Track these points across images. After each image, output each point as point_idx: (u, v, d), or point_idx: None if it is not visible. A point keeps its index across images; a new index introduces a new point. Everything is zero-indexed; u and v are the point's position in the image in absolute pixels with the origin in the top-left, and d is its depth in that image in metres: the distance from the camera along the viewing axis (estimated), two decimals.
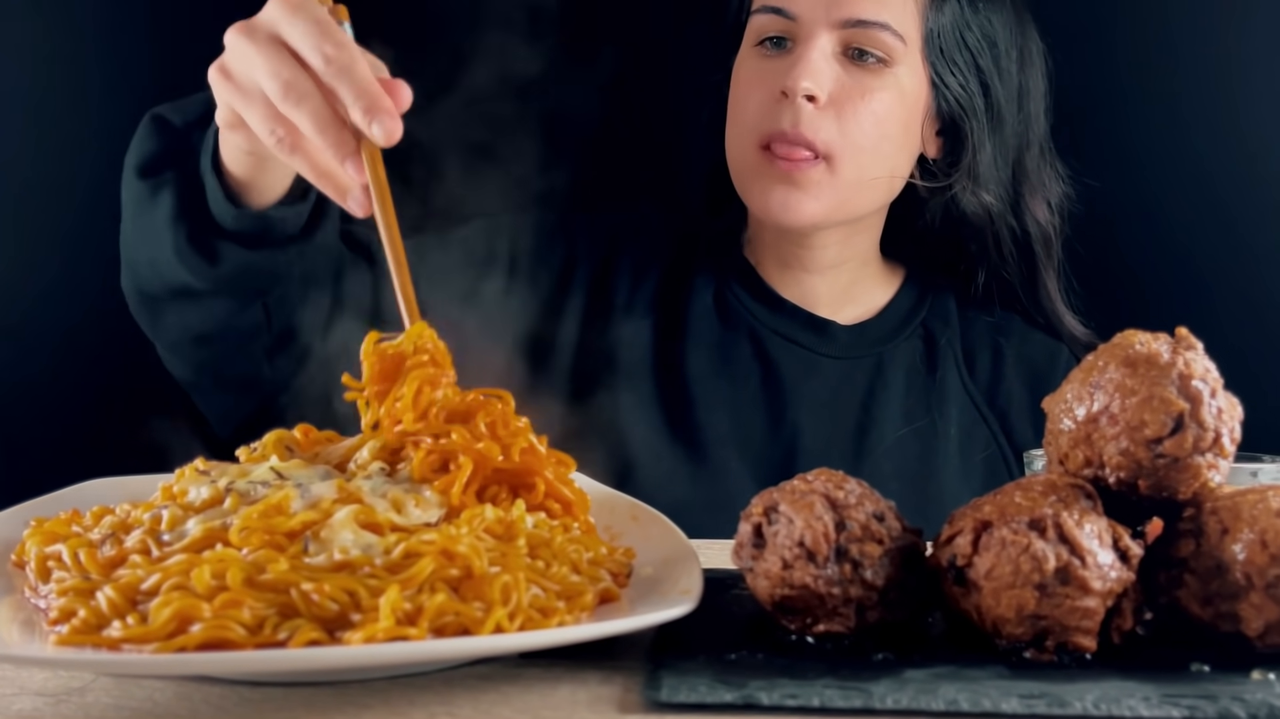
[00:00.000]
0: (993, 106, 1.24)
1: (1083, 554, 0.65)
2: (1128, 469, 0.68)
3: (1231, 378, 0.70)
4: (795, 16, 1.19)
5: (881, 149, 1.20)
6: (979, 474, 1.24)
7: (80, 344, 1.51)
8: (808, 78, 1.16)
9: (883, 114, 1.19)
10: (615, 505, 0.84)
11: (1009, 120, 1.25)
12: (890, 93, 1.19)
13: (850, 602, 0.68)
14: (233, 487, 0.71)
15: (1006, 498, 0.68)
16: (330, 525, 0.66)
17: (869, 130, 1.18)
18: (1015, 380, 1.29)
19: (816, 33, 1.18)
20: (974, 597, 0.67)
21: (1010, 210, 1.28)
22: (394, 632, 0.60)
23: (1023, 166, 1.27)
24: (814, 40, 1.17)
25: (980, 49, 1.23)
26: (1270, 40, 1.45)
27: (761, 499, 0.71)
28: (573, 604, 0.67)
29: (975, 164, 1.24)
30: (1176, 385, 0.68)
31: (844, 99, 1.17)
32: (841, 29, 1.18)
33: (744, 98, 1.22)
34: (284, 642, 0.61)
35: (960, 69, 1.22)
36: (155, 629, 0.61)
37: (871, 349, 1.28)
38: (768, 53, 1.22)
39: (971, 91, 1.23)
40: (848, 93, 1.17)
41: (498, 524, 0.70)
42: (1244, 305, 1.45)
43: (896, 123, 1.21)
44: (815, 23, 1.18)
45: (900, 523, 0.70)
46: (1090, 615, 0.65)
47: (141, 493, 0.80)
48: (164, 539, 0.68)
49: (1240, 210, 1.46)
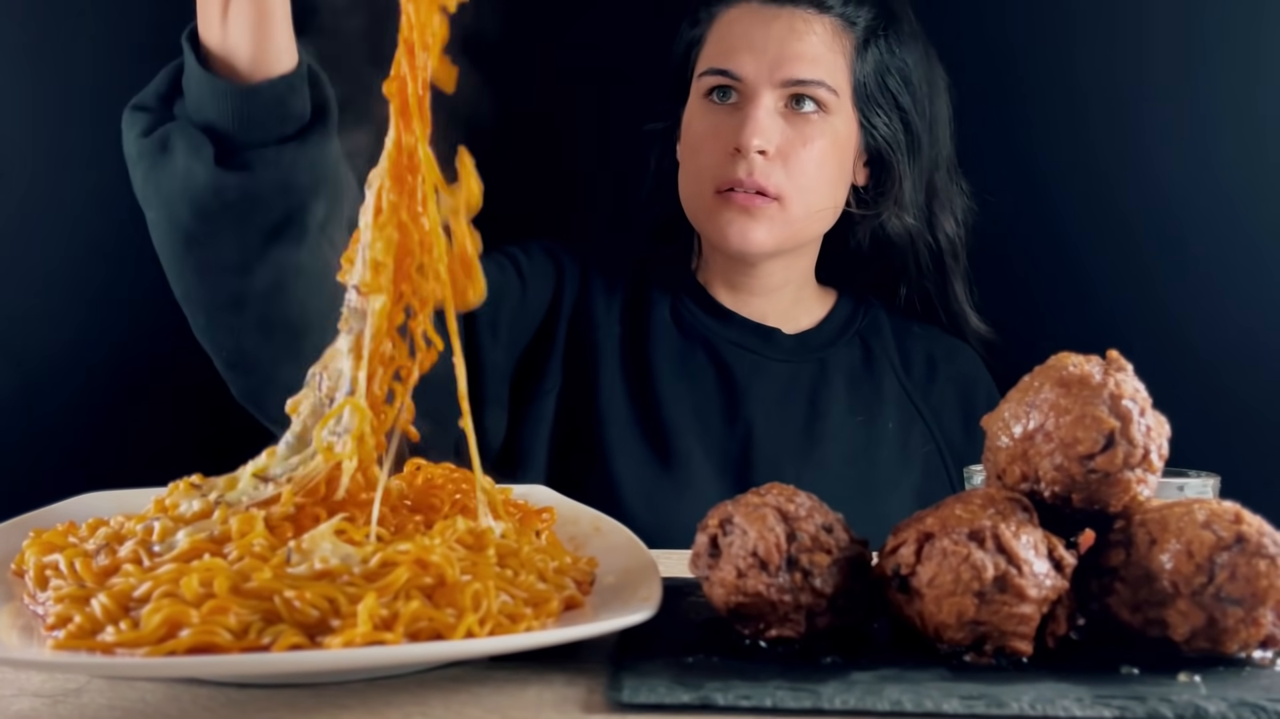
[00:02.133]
0: (913, 139, 1.38)
1: (1019, 563, 0.67)
2: (1062, 483, 0.71)
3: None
4: (741, 79, 1.32)
5: (822, 187, 1.33)
6: (917, 466, 1.35)
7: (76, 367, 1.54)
8: (758, 136, 1.28)
9: (821, 158, 1.32)
10: (579, 517, 0.86)
11: (925, 148, 1.38)
12: (827, 138, 1.32)
13: (801, 608, 0.69)
14: (222, 499, 0.73)
15: (947, 510, 0.70)
16: (311, 537, 0.68)
17: (812, 173, 1.31)
18: (946, 384, 1.40)
19: (761, 92, 1.30)
20: (917, 603, 0.69)
21: (926, 227, 1.40)
22: (371, 636, 0.62)
23: (934, 186, 1.40)
24: (759, 100, 1.30)
25: (899, 89, 1.36)
26: (1170, 54, 1.50)
27: (717, 512, 0.72)
28: (539, 610, 0.69)
29: (900, 192, 1.37)
30: (1108, 405, 0.70)
31: (789, 149, 1.30)
32: (783, 87, 1.31)
33: (698, 149, 1.35)
34: (268, 646, 0.62)
35: (884, 110, 1.36)
36: (147, 634, 0.62)
37: (813, 354, 1.39)
38: (715, 104, 1.34)
39: (895, 128, 1.36)
40: (791, 143, 1.31)
41: (469, 535, 0.72)
42: (1143, 313, 1.51)
43: (834, 164, 1.34)
44: (760, 83, 1.31)
45: (848, 534, 0.72)
46: (1026, 621, 0.67)
47: (135, 506, 0.82)
48: (155, 550, 0.69)
49: (1137, 220, 1.52)
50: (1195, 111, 1.49)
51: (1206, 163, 1.48)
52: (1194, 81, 1.49)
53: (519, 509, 0.82)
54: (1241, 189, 1.48)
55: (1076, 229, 1.53)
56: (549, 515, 0.85)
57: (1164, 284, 1.50)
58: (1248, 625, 0.68)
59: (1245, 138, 1.48)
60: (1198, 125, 1.49)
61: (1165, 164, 1.50)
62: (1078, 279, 1.53)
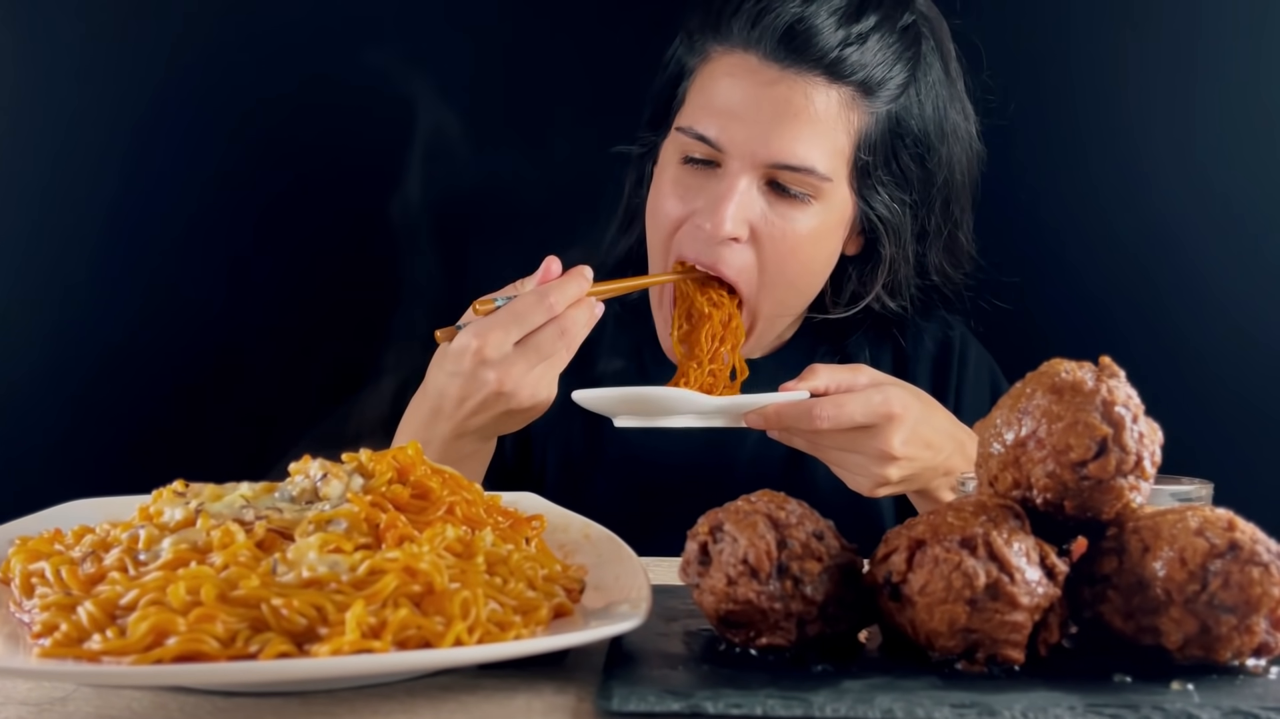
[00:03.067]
0: (917, 218, 1.23)
1: (1011, 571, 0.67)
2: (1054, 491, 0.70)
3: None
4: (722, 150, 1.16)
5: (800, 279, 1.21)
6: None
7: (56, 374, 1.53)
8: (730, 222, 1.14)
9: (802, 246, 1.17)
10: (569, 525, 0.86)
11: (931, 229, 1.24)
12: (814, 222, 1.17)
13: (791, 616, 0.69)
14: (204, 508, 0.73)
15: (939, 518, 0.70)
16: (296, 548, 0.67)
17: (786, 265, 1.18)
18: (921, 372, 1.32)
19: (743, 170, 1.15)
20: (908, 611, 0.69)
21: (920, 308, 1.29)
22: (359, 644, 0.62)
23: (937, 266, 1.27)
24: (739, 178, 1.15)
25: (911, 164, 1.20)
26: (1170, 58, 1.49)
27: (707, 519, 0.72)
28: (528, 618, 0.69)
29: (891, 279, 1.24)
30: (1100, 411, 0.70)
31: (765, 232, 1.16)
32: (767, 168, 1.15)
33: (662, 208, 1.21)
34: (255, 654, 0.62)
35: (886, 188, 1.19)
36: (133, 642, 0.62)
37: (793, 376, 1.25)
38: (691, 166, 1.19)
39: (896, 211, 1.20)
40: (770, 226, 1.16)
41: (458, 543, 0.72)
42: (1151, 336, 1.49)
43: (817, 251, 1.20)
44: (742, 160, 1.15)
45: (839, 541, 0.72)
46: (1018, 629, 0.67)
47: (120, 513, 0.82)
48: (141, 557, 0.69)
49: (1130, 225, 1.50)
50: (1191, 117, 1.49)
51: (1203, 168, 1.48)
52: (1189, 89, 1.48)
53: (508, 516, 0.82)
54: (1237, 194, 1.48)
55: (1069, 234, 1.52)
56: (538, 522, 0.84)
57: (1157, 289, 1.50)
58: (1241, 633, 0.68)
59: (1242, 143, 1.47)
60: (1192, 131, 1.49)
61: (1160, 170, 1.49)
62: (1070, 284, 1.52)
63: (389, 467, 0.75)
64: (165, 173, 1.51)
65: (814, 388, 1.07)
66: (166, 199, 1.51)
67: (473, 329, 1.01)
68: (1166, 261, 1.49)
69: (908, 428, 1.06)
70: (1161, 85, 1.48)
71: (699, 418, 1.08)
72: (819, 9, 1.13)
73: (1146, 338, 1.48)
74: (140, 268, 1.50)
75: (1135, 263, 1.50)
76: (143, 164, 1.51)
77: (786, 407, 1.06)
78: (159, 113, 1.50)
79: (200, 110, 1.51)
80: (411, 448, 0.78)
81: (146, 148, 1.51)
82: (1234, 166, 1.47)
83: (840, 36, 1.13)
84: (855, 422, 1.05)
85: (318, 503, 0.74)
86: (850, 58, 1.13)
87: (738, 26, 1.15)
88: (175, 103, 1.51)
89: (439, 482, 0.77)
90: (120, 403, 1.52)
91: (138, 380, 1.52)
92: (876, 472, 1.08)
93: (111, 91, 1.50)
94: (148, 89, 1.50)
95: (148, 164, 1.51)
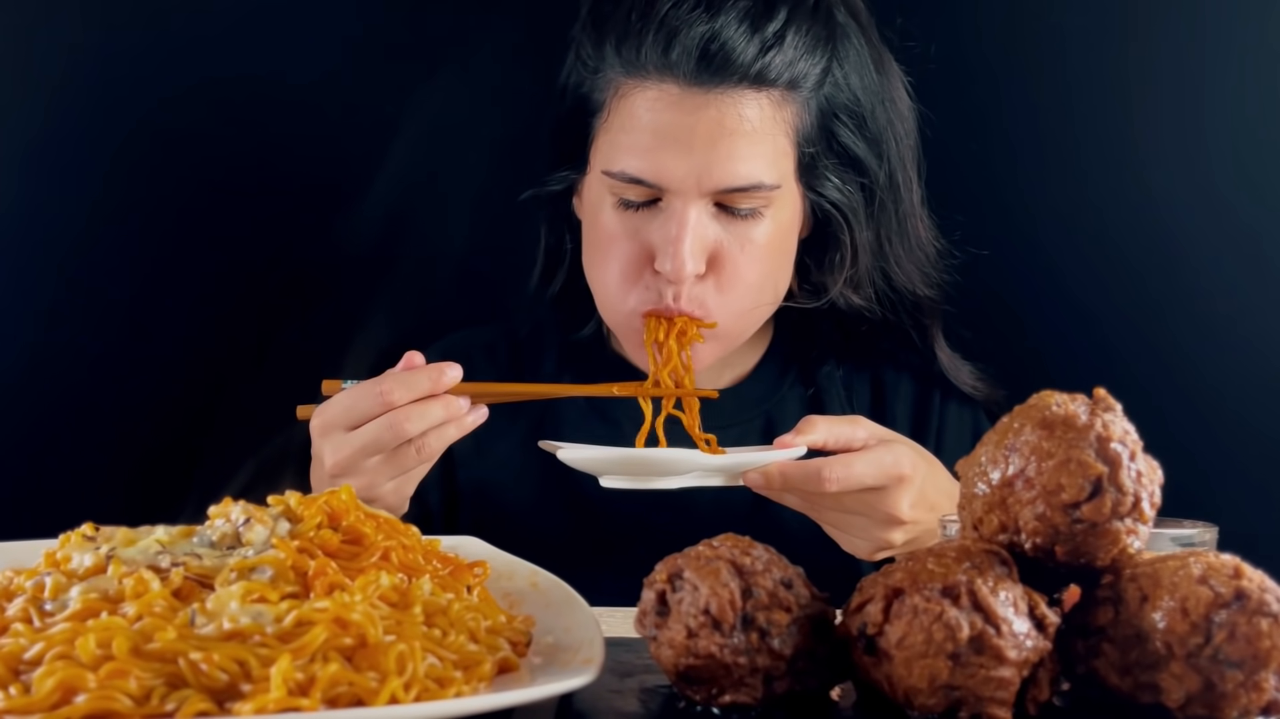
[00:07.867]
0: (869, 196, 1.20)
1: (997, 622, 0.64)
2: (1044, 535, 0.67)
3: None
4: (664, 186, 1.12)
5: (762, 288, 1.18)
6: None
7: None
8: (690, 260, 1.11)
9: (760, 258, 1.15)
10: (515, 571, 0.84)
11: (887, 204, 1.21)
12: (769, 233, 1.15)
13: (757, 671, 0.67)
14: (116, 554, 0.70)
15: (919, 564, 0.67)
16: (217, 597, 0.65)
17: (749, 280, 1.15)
18: (897, 405, 1.30)
19: (689, 203, 1.11)
20: (885, 666, 0.66)
21: (887, 302, 1.26)
22: (285, 702, 0.60)
23: (897, 255, 1.23)
24: (688, 211, 1.11)
25: (852, 137, 1.18)
26: (1171, 97, 1.45)
27: (665, 565, 0.70)
28: (470, 674, 0.66)
29: (853, 271, 1.22)
30: (1094, 448, 0.67)
31: (722, 257, 1.14)
32: (714, 194, 1.12)
33: (608, 255, 1.17)
34: (171, 713, 0.60)
35: (833, 172, 1.18)
36: (39, 700, 0.60)
37: (758, 408, 1.28)
38: (628, 208, 1.15)
39: (848, 191, 1.19)
40: (725, 250, 1.13)
41: (393, 591, 0.70)
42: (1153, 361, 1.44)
43: (775, 258, 1.18)
44: (686, 193, 1.11)
45: (809, 590, 0.69)
46: (1005, 686, 0.64)
47: (23, 559, 0.79)
48: (47, 608, 0.67)
49: (1130, 249, 1.45)
50: (1190, 135, 1.46)
51: (1205, 190, 1.45)
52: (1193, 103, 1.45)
53: (448, 562, 0.79)
54: (1241, 216, 1.44)
55: (1065, 258, 1.47)
56: (481, 569, 0.82)
57: (1158, 317, 1.45)
58: (1248, 690, 0.65)
59: (1246, 163, 1.44)
60: (1194, 150, 1.46)
61: (1165, 186, 1.45)
62: (1064, 311, 1.47)
63: (319, 511, 0.72)
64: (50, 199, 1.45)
65: (812, 442, 1.03)
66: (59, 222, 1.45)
67: (317, 410, 1.05)
68: (1170, 285, 1.44)
69: (915, 490, 1.03)
70: (1167, 98, 1.44)
71: (696, 478, 1.04)
72: (728, 20, 1.09)
73: (1147, 368, 1.43)
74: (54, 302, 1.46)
75: (1136, 286, 1.45)
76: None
77: (792, 467, 1.02)
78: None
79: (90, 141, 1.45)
80: (345, 492, 0.76)
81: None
82: (1241, 186, 1.44)
83: (757, 44, 1.10)
84: (865, 484, 1.01)
85: (240, 548, 0.71)
86: (773, 62, 1.10)
87: (647, 56, 1.11)
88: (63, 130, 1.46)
89: (373, 526, 0.74)
90: (19, 439, 1.45)
91: (34, 415, 1.46)
92: (880, 536, 1.04)
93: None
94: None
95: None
